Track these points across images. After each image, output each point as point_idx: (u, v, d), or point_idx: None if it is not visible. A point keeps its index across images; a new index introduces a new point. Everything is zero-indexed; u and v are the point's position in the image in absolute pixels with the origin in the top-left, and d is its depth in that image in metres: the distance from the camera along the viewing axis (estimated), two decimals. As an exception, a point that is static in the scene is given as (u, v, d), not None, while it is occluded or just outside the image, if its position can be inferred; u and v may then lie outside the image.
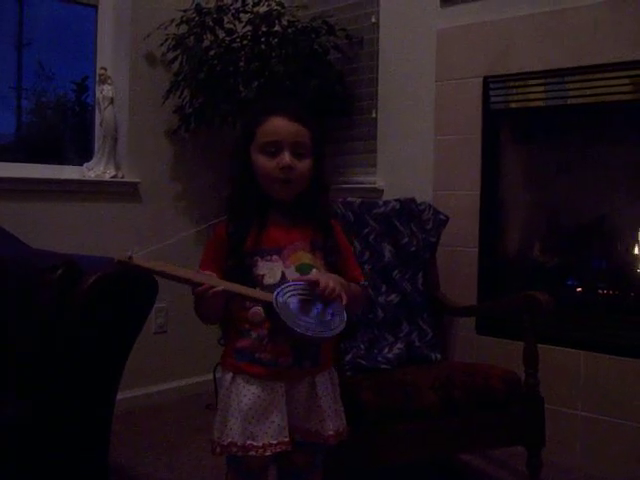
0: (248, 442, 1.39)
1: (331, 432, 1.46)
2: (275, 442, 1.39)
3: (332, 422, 1.47)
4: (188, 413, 2.93)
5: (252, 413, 1.39)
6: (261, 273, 1.42)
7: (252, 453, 1.38)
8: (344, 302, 1.35)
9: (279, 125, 1.44)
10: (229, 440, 1.40)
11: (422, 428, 1.94)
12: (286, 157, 1.42)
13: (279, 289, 1.34)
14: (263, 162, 1.44)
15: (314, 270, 1.44)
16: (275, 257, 1.43)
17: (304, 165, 1.45)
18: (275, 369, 1.41)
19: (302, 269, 1.43)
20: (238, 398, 1.41)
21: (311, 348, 1.44)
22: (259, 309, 1.40)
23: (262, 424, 1.39)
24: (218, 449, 1.42)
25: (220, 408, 1.44)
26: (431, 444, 1.98)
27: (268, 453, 1.38)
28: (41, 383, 1.60)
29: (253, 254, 1.43)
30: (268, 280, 1.41)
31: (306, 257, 1.45)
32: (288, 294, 1.34)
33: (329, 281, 1.36)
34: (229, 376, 1.44)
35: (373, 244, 2.44)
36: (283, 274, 1.41)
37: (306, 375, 1.45)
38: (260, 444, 1.38)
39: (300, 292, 1.35)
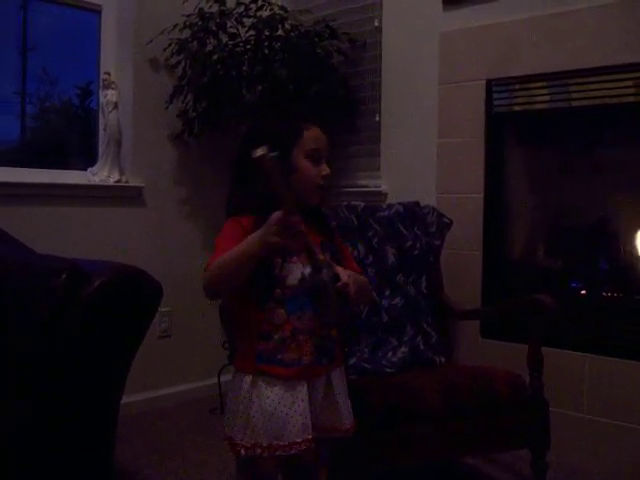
0: (274, 442, 1.41)
1: (348, 425, 1.53)
2: (300, 440, 1.42)
3: (347, 416, 1.53)
4: (192, 417, 2.93)
5: (277, 413, 1.42)
6: (284, 274, 1.45)
7: (279, 452, 1.41)
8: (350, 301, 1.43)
9: (321, 135, 1.52)
10: (253, 441, 1.42)
11: (427, 431, 1.94)
12: (326, 167, 1.51)
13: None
14: (308, 167, 1.49)
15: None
16: (294, 258, 1.46)
17: None
18: (297, 368, 1.44)
19: None
20: (261, 400, 1.43)
21: (330, 345, 1.49)
22: (282, 311, 1.43)
23: (287, 423, 1.41)
24: (243, 451, 1.43)
25: (240, 410, 1.44)
26: (436, 447, 1.97)
27: (294, 451, 1.41)
28: (41, 384, 1.60)
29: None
30: (291, 281, 1.45)
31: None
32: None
33: (350, 280, 1.43)
34: (248, 379, 1.45)
35: (377, 248, 2.44)
36: (303, 275, 1.44)
37: (324, 372, 1.50)
38: (286, 443, 1.41)
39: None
